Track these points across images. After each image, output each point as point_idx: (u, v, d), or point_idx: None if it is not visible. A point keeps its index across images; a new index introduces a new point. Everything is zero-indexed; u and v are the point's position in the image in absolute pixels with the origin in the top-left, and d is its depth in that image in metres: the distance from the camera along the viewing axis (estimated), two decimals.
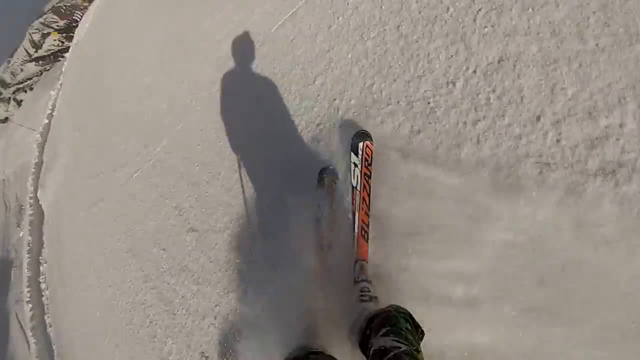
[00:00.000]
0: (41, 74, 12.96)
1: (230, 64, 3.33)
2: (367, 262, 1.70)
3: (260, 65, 2.99)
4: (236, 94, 3.14)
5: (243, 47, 3.27)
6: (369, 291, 1.57)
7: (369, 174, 1.77)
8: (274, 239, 2.22)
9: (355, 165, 1.79)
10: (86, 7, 12.01)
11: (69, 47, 11.65)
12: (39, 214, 6.26)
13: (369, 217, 1.74)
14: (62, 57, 12.33)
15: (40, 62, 12.87)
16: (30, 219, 6.29)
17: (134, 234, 3.44)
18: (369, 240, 1.74)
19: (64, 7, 12.37)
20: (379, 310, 1.30)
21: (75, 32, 11.44)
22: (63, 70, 9.30)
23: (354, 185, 1.78)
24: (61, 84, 8.53)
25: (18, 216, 7.06)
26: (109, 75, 6.22)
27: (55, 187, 6.05)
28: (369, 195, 1.76)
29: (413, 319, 1.25)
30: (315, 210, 1.98)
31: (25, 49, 12.75)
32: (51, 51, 12.78)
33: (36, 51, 12.56)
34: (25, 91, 12.59)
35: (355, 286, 1.63)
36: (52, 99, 8.23)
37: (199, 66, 3.81)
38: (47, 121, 7.98)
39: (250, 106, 2.89)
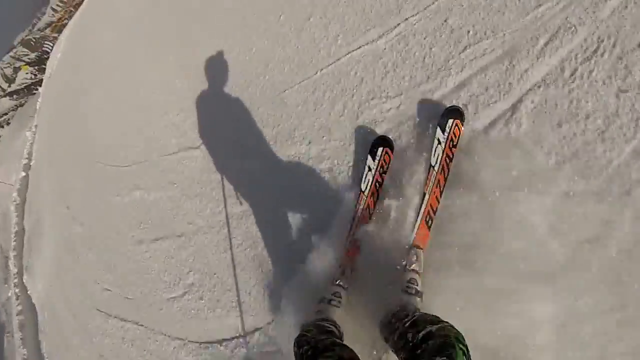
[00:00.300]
0: (17, 108, 12.76)
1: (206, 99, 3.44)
2: (423, 252, 1.53)
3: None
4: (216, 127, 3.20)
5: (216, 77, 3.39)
6: (417, 284, 1.43)
7: (451, 156, 1.59)
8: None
9: (439, 142, 1.61)
10: (55, 38, 11.90)
11: (42, 79, 11.56)
12: (29, 308, 4.87)
13: (439, 202, 1.57)
14: (36, 90, 12.21)
15: (15, 96, 12.69)
16: (18, 309, 4.99)
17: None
18: (431, 229, 1.56)
19: (34, 40, 12.23)
20: (436, 329, 1.11)
21: (47, 64, 11.32)
22: (37, 107, 9.11)
23: (432, 164, 1.61)
24: (36, 125, 8.23)
25: (5, 270, 6.11)
26: (88, 113, 5.76)
27: (44, 276, 4.81)
28: (445, 179, 1.58)
29: (470, 356, 1.10)
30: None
31: None
32: (25, 84, 12.61)
33: (9, 85, 12.41)
34: (2, 126, 12.39)
35: (403, 274, 1.49)
36: (27, 143, 7.78)
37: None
38: (24, 174, 7.08)
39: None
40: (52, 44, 11.95)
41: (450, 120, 1.62)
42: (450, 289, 1.47)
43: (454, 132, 1.60)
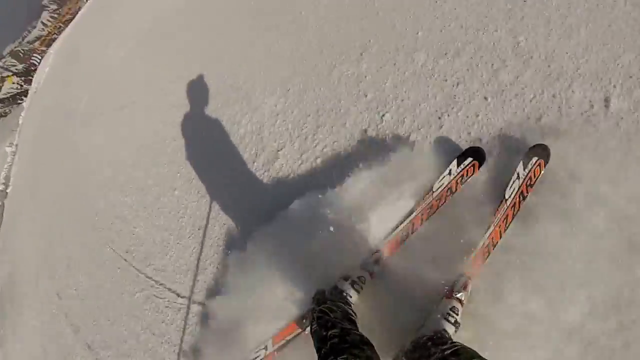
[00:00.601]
0: (2, 115, 13.00)
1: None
2: (471, 280, 1.51)
3: None
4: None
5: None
6: (458, 314, 1.42)
7: (525, 195, 1.57)
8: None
9: (517, 177, 1.59)
10: (44, 51, 12.25)
11: (27, 90, 11.87)
12: None
13: (501, 237, 1.54)
14: (22, 100, 12.50)
15: (0, 105, 12.92)
16: None
17: None
18: (486, 261, 1.53)
19: (22, 51, 12.56)
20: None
21: (34, 77, 11.61)
22: (20, 122, 9.24)
23: (505, 196, 1.58)
24: (16, 144, 7.99)
25: None
26: (78, 141, 5.33)
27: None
28: (514, 216, 1.56)
29: None
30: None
31: None
32: (10, 94, 12.87)
33: None
34: None
35: (446, 300, 1.47)
36: (5, 165, 7.30)
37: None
38: None
39: None
40: (40, 57, 12.31)
41: (535, 158, 1.58)
42: (487, 324, 1.45)
43: (534, 171, 1.57)
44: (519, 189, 1.56)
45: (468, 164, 1.72)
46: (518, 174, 1.58)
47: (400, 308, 1.57)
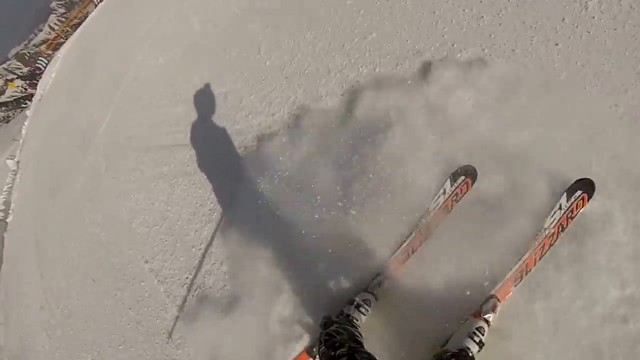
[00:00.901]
0: (4, 119, 12.66)
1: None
2: (500, 303, 1.54)
3: None
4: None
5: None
6: (484, 335, 1.45)
7: (565, 226, 1.59)
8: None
9: (560, 208, 1.61)
10: (50, 55, 11.87)
11: (32, 94, 11.51)
12: None
13: (535, 265, 1.57)
14: (25, 104, 12.14)
15: (3, 108, 12.59)
16: None
17: None
18: (516, 287, 1.57)
19: (28, 54, 12.20)
20: None
21: (39, 82, 11.21)
22: (23, 133, 8.78)
23: (545, 225, 1.60)
24: (18, 161, 7.42)
25: None
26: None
27: None
28: (551, 246, 1.58)
29: None
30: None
31: None
32: (14, 97, 12.52)
33: None
34: None
35: (474, 319, 1.50)
36: (5, 187, 6.62)
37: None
38: None
39: None
40: (46, 61, 11.94)
41: (579, 192, 1.60)
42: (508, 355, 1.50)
43: (577, 204, 1.59)
44: (559, 219, 1.59)
45: (461, 182, 1.78)
46: (561, 205, 1.61)
47: (423, 323, 1.59)
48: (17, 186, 6.73)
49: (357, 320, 1.63)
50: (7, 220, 5.83)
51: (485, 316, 1.49)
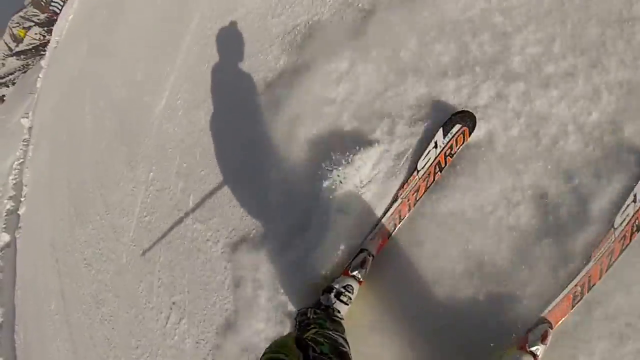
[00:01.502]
0: (23, 68, 12.85)
1: None
2: (552, 330, 1.11)
3: None
4: None
5: None
6: None
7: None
8: None
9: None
10: None
11: (49, 40, 11.47)
12: None
13: (600, 279, 1.11)
14: (44, 51, 12.20)
15: (22, 56, 12.77)
16: None
17: None
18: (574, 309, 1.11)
19: (44, 1, 12.16)
20: None
21: (54, 28, 10.92)
22: (37, 85, 8.45)
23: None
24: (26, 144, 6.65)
25: None
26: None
27: None
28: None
29: None
30: None
31: (6, 43, 12.61)
32: (32, 45, 12.65)
33: (17, 45, 12.43)
34: (8, 86, 12.51)
35: (517, 350, 1.12)
36: (12, 176, 5.83)
37: None
38: (10, 206, 5.10)
39: None
40: (61, 4, 11.78)
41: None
42: None
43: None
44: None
45: (457, 132, 1.43)
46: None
47: (422, 310, 1.25)
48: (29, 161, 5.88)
49: (340, 312, 1.35)
50: (19, 212, 4.70)
51: (532, 349, 1.08)
